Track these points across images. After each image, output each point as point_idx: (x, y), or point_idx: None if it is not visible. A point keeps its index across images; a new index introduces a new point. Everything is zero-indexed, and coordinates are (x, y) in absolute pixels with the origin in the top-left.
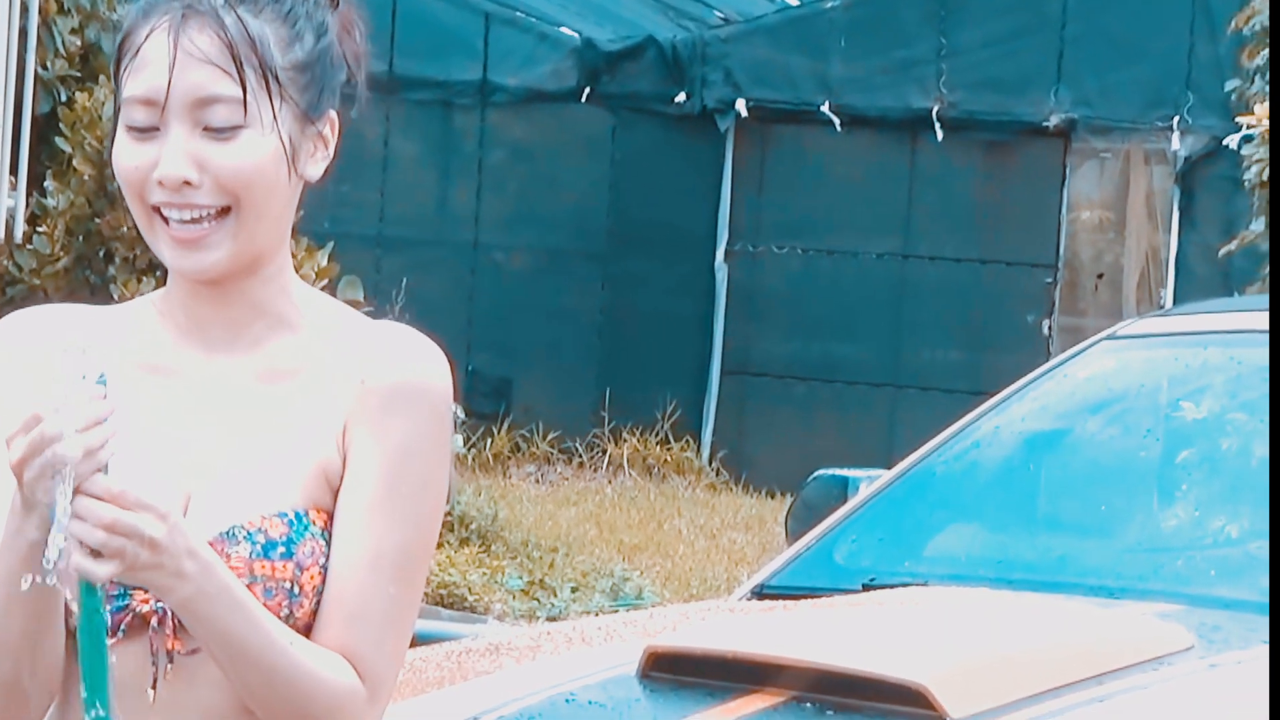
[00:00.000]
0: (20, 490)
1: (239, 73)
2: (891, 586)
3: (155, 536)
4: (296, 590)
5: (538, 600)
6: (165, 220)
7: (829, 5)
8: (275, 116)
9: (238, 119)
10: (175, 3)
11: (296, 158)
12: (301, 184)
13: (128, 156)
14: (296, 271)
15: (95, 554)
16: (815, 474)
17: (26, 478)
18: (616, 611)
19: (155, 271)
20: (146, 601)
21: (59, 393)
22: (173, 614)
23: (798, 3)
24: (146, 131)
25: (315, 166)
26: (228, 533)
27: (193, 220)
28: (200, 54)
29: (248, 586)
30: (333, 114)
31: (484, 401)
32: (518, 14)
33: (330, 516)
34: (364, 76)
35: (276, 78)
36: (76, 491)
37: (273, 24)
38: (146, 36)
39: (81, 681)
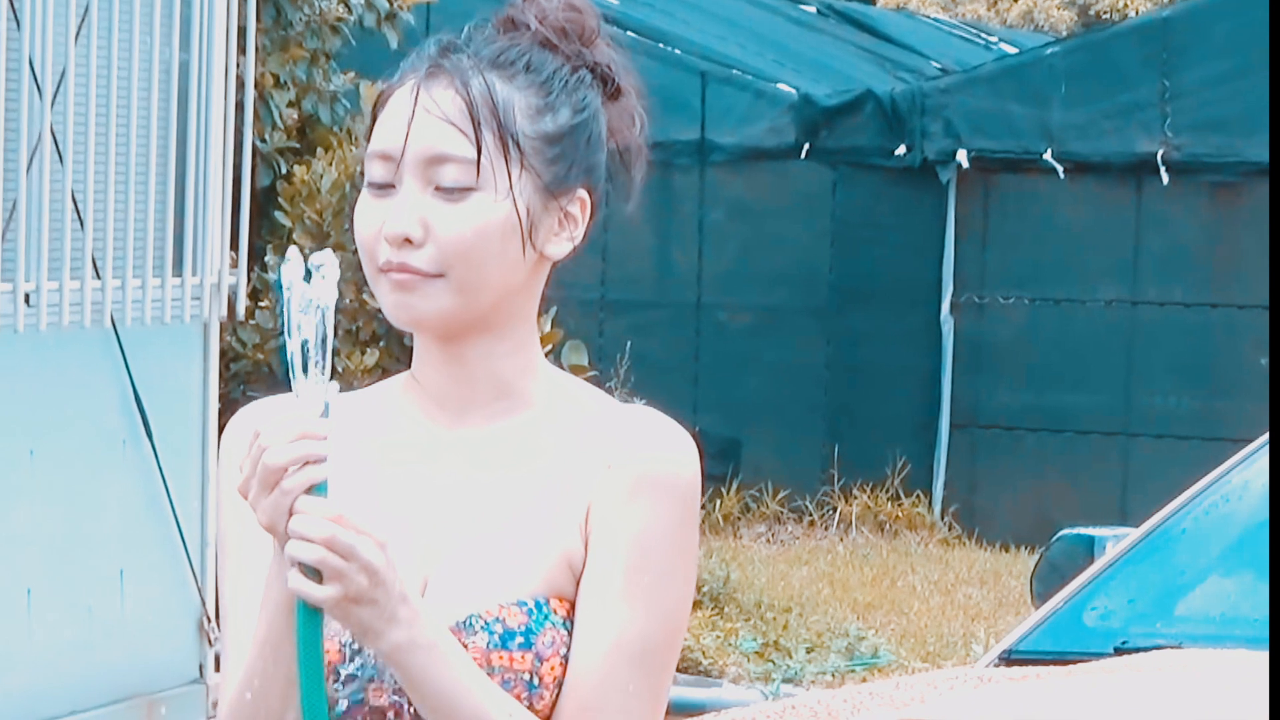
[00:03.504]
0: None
1: (475, 133)
2: (1144, 650)
3: (374, 563)
4: (536, 682)
5: (773, 662)
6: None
7: (1048, 51)
8: (511, 184)
9: (469, 180)
10: (425, 61)
11: (534, 231)
12: (541, 260)
13: (363, 214)
14: None
15: (314, 575)
16: (1059, 534)
17: (250, 500)
18: (853, 671)
19: (378, 343)
20: (382, 694)
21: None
22: (411, 709)
23: (1016, 51)
24: (383, 189)
25: (558, 245)
26: (464, 622)
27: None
28: (439, 111)
29: None
30: (583, 193)
31: (712, 462)
32: (734, 72)
33: (573, 605)
34: (640, 172)
35: (518, 144)
36: (291, 512)
37: (524, 91)
38: (395, 93)
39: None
